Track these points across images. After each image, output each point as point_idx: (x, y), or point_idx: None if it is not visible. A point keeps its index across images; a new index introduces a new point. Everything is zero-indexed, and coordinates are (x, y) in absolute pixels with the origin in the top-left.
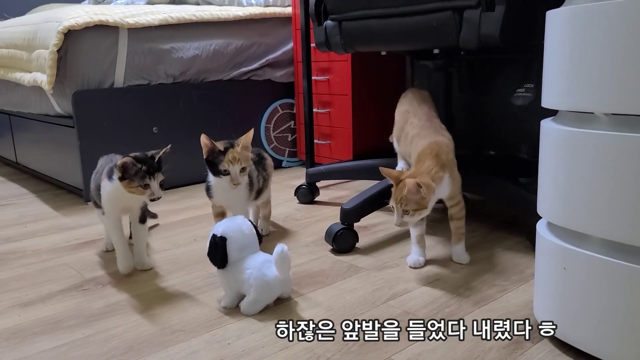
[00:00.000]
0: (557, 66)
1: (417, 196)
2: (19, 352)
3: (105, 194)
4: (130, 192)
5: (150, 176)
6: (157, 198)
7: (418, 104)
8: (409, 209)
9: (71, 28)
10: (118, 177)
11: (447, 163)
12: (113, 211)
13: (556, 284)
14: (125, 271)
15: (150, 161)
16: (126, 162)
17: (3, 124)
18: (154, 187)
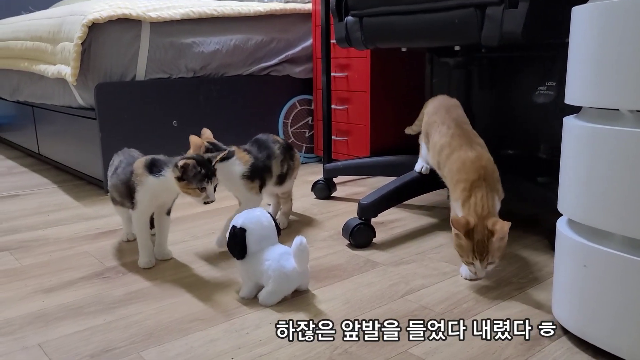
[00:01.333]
0: (581, 62)
1: (503, 242)
2: (42, 335)
3: (145, 188)
4: (186, 193)
5: (208, 180)
6: (211, 201)
7: (446, 111)
8: (496, 258)
9: (95, 21)
10: (176, 177)
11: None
12: (148, 206)
13: (576, 282)
14: (145, 266)
15: (209, 165)
16: (188, 164)
17: (26, 116)
18: (209, 190)
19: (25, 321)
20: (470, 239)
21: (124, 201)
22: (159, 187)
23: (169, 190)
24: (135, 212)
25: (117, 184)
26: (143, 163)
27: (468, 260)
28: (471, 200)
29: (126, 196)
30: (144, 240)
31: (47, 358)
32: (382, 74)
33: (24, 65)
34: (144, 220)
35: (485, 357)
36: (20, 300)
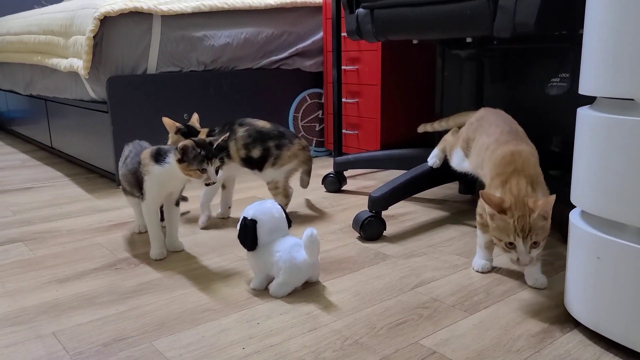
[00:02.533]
0: (596, 52)
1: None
2: (57, 324)
3: (152, 177)
4: (187, 175)
5: (208, 161)
6: (213, 182)
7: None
8: (540, 239)
9: (107, 14)
10: (177, 159)
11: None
12: (157, 195)
13: (589, 274)
14: (157, 257)
15: (209, 147)
16: (187, 145)
17: (39, 110)
18: (210, 172)
19: (40, 310)
20: (510, 216)
21: (133, 191)
22: (165, 175)
23: (175, 178)
24: (144, 202)
25: (126, 173)
26: (149, 153)
27: (508, 242)
28: (507, 186)
29: (135, 186)
30: (155, 232)
31: (61, 346)
32: (393, 67)
33: (37, 59)
34: (154, 209)
35: (496, 349)
36: (35, 290)
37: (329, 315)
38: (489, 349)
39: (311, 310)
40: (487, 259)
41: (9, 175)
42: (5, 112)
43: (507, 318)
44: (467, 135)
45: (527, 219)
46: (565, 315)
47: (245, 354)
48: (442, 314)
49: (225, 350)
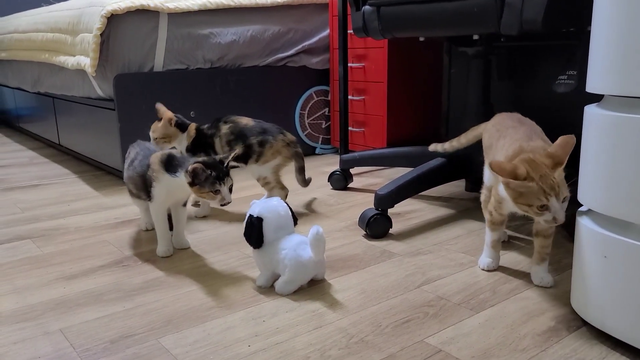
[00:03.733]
0: (604, 50)
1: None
2: (64, 321)
3: (162, 186)
4: (201, 197)
5: (220, 182)
6: (228, 203)
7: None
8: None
9: (114, 12)
10: (188, 183)
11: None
12: (165, 202)
13: (596, 273)
14: (164, 255)
15: (220, 166)
16: (196, 169)
17: (47, 107)
18: (224, 192)
19: (48, 307)
20: (530, 179)
21: (140, 194)
22: (173, 186)
23: (183, 191)
24: (152, 204)
25: (134, 176)
26: (159, 159)
27: (540, 205)
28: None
29: (142, 189)
30: (162, 230)
31: (68, 343)
32: (400, 64)
33: (45, 57)
34: (162, 211)
35: (502, 348)
36: (42, 287)
37: (334, 313)
38: (495, 347)
39: (317, 308)
40: (493, 257)
41: (17, 173)
42: (13, 109)
43: (513, 317)
44: (489, 143)
45: (550, 175)
46: (572, 314)
47: (251, 351)
48: (448, 312)
49: (231, 347)
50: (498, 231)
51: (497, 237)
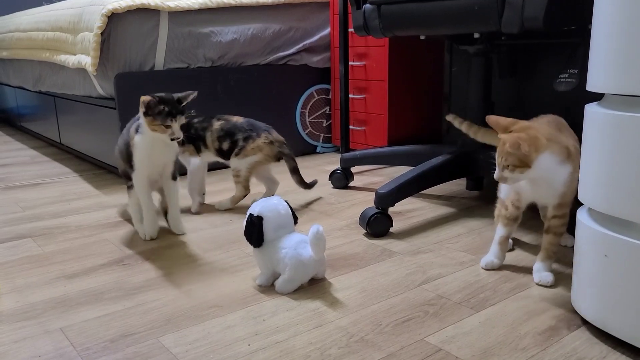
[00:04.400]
0: (604, 48)
1: (518, 152)
2: (64, 320)
3: (137, 146)
4: (153, 130)
5: (172, 118)
6: (177, 138)
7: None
8: (509, 164)
9: (114, 11)
10: (142, 112)
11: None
12: (145, 165)
13: (596, 272)
14: (151, 235)
15: (175, 103)
16: (150, 101)
17: (48, 106)
18: (174, 127)
19: (48, 306)
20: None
21: (127, 168)
22: (145, 141)
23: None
24: (134, 175)
25: (121, 144)
26: (135, 127)
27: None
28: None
29: (127, 161)
30: (147, 208)
31: (69, 342)
32: (401, 62)
33: (46, 56)
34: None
35: (502, 347)
36: (43, 286)
37: (334, 312)
38: (495, 346)
39: (317, 307)
40: (497, 256)
41: (18, 171)
42: (14, 108)
43: (514, 315)
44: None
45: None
46: (572, 313)
47: (251, 350)
48: (448, 311)
49: (230, 346)
50: (509, 227)
51: (507, 233)
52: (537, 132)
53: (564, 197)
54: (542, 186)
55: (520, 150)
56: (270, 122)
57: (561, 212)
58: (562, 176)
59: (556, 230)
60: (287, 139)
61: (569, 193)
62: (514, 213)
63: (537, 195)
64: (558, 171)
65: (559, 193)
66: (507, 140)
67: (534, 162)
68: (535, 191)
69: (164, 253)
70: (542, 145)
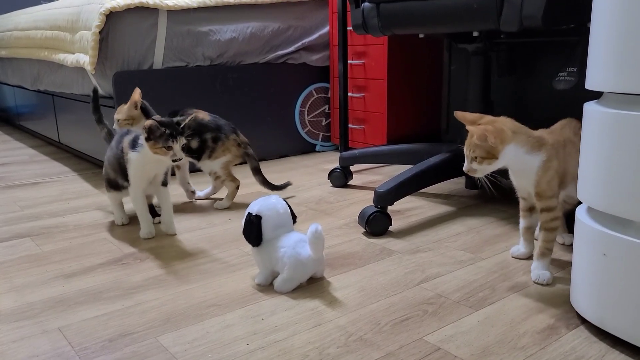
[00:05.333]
0: (603, 46)
1: (485, 144)
2: (63, 319)
3: (132, 163)
4: (155, 153)
5: (173, 139)
6: (179, 159)
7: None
8: (477, 155)
9: (113, 9)
10: (145, 138)
11: (551, 147)
12: (140, 179)
13: (595, 270)
14: (147, 237)
15: (174, 125)
16: (152, 125)
17: (47, 105)
18: (176, 149)
19: (46, 305)
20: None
21: (117, 177)
22: (141, 159)
23: (151, 161)
24: (130, 187)
25: (110, 157)
26: (128, 140)
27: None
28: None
29: (119, 172)
30: (143, 211)
31: (67, 342)
32: (400, 61)
33: (44, 55)
34: (139, 194)
35: (501, 346)
36: (41, 285)
37: (333, 311)
38: (494, 345)
39: (316, 306)
40: (522, 245)
41: (17, 170)
42: (13, 107)
43: (513, 314)
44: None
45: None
46: (571, 312)
47: (250, 349)
48: (447, 310)
49: (229, 345)
50: (525, 219)
51: (525, 224)
52: (502, 125)
53: (538, 185)
54: (519, 175)
55: (487, 142)
56: (269, 120)
57: (544, 204)
58: (532, 164)
59: (547, 225)
60: (286, 137)
61: (542, 182)
62: (523, 204)
63: (519, 185)
64: (527, 160)
65: (532, 181)
66: (475, 133)
67: (500, 153)
68: (516, 181)
69: (162, 252)
70: (507, 137)
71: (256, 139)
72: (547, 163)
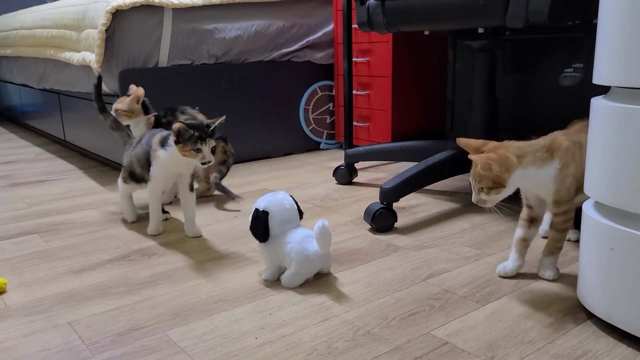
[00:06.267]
0: (610, 41)
1: (490, 173)
2: (73, 314)
3: (158, 160)
4: (184, 156)
5: (202, 141)
6: (208, 162)
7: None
8: (483, 186)
9: (119, 8)
10: (174, 141)
11: (566, 152)
12: (163, 177)
13: (602, 265)
14: (154, 233)
15: (203, 128)
16: (180, 128)
17: (52, 103)
18: (205, 151)
19: (56, 300)
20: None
21: (143, 173)
22: (169, 158)
23: (178, 161)
24: (150, 183)
25: (140, 153)
26: (158, 139)
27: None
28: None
29: (146, 168)
30: (156, 209)
31: (77, 336)
32: (404, 58)
33: (50, 53)
34: (158, 191)
35: (508, 340)
36: (50, 281)
37: (340, 306)
38: (501, 339)
39: (323, 301)
40: (511, 259)
41: (24, 168)
42: (19, 105)
43: (519, 309)
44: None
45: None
46: (578, 307)
47: (258, 343)
48: (454, 305)
49: (238, 340)
50: (523, 228)
51: (521, 234)
52: (507, 151)
53: (557, 193)
54: (533, 188)
55: (492, 171)
56: (274, 118)
57: (560, 209)
58: (548, 175)
59: (558, 226)
60: (290, 135)
61: (562, 189)
62: (526, 213)
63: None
64: (541, 174)
65: (551, 191)
66: (479, 162)
67: (507, 181)
68: (527, 190)
69: (169, 249)
70: (512, 164)
71: (260, 137)
72: (564, 170)
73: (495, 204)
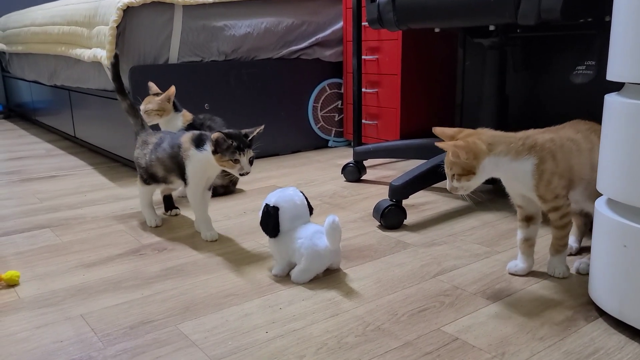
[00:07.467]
0: (625, 37)
1: (459, 160)
2: (84, 307)
3: (193, 161)
4: (222, 166)
5: (240, 152)
6: (246, 173)
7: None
8: (454, 173)
9: (130, 4)
10: (212, 151)
11: (542, 149)
12: (200, 179)
13: (615, 262)
14: (212, 239)
15: (242, 138)
16: (219, 138)
17: (63, 100)
18: (243, 162)
19: (69, 293)
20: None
21: (167, 176)
22: (204, 160)
23: (212, 164)
24: (189, 187)
25: (163, 157)
26: (189, 138)
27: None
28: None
29: (172, 170)
30: (202, 214)
31: (89, 328)
32: (414, 56)
33: (61, 50)
34: (198, 193)
35: (519, 337)
36: (62, 274)
37: (350, 302)
38: (512, 336)
39: (333, 297)
40: (520, 259)
41: (35, 164)
42: (29, 102)
43: (530, 306)
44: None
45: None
46: (590, 304)
47: (269, 337)
48: (464, 301)
49: (249, 333)
50: (522, 229)
51: (522, 235)
52: (477, 138)
53: (537, 189)
54: (513, 183)
55: (460, 158)
56: (283, 116)
57: (548, 205)
58: (524, 170)
59: (555, 224)
60: (299, 133)
61: (541, 186)
62: (519, 213)
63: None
64: (517, 167)
65: (530, 186)
66: (448, 149)
67: (477, 168)
68: (510, 188)
69: (179, 244)
70: (481, 151)
71: (269, 134)
72: (541, 166)
73: (470, 192)
